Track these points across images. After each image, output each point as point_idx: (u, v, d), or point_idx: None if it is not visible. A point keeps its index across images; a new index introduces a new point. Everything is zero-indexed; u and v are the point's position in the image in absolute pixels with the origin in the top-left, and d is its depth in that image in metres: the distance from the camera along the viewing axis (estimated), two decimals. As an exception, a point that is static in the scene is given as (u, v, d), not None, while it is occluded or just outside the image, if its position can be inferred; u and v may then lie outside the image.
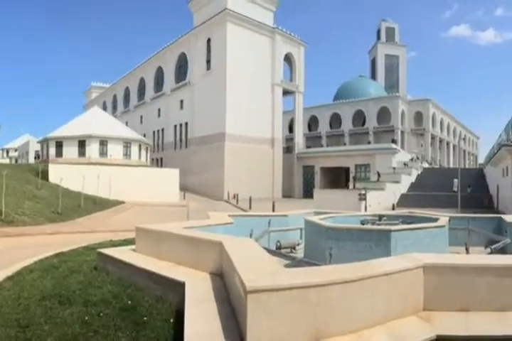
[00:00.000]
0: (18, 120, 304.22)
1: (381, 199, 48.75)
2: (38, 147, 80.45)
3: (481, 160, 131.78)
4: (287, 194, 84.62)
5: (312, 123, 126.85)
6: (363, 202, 44.44)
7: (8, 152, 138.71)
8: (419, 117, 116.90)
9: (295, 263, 12.24)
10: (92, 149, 65.77)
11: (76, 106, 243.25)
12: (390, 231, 12.49)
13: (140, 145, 72.95)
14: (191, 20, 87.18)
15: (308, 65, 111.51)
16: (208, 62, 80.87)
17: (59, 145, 66.45)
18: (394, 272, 6.69)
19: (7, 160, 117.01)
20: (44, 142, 70.91)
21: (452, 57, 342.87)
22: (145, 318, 7.75)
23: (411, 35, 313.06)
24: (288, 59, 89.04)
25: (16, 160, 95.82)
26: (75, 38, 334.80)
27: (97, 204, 43.66)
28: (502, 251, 13.90)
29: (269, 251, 10.77)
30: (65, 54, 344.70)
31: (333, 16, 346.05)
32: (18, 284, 10.59)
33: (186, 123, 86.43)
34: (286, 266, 11.28)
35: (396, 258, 7.97)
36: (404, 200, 52.79)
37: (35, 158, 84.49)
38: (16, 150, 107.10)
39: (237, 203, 59.53)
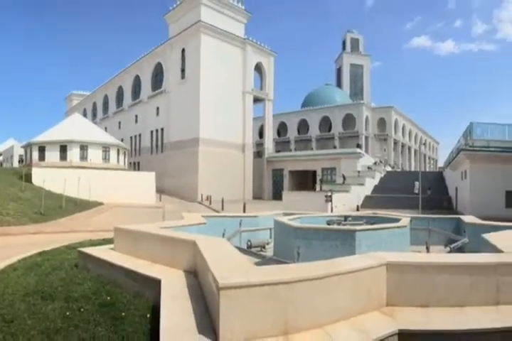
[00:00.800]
0: (2, 125, 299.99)
1: (346, 201, 48.74)
2: (22, 151, 79.38)
3: (440, 164, 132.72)
4: (257, 196, 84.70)
5: (281, 129, 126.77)
6: (329, 203, 44.27)
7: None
8: (382, 123, 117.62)
9: (265, 261, 12.35)
10: (73, 153, 65.29)
11: (57, 112, 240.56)
12: (354, 231, 12.63)
13: (118, 150, 72.45)
14: (167, 32, 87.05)
15: (278, 74, 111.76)
16: (183, 71, 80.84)
17: (42, 149, 65.84)
18: (358, 270, 6.77)
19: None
20: (28, 147, 70.17)
21: (414, 66, 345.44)
22: (123, 313, 7.82)
23: (375, 46, 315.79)
24: (258, 68, 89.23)
25: (1, 164, 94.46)
26: (56, 49, 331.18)
27: (78, 205, 43.22)
28: (460, 250, 14.09)
29: (240, 250, 10.79)
30: (47, 63, 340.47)
31: (301, 28, 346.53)
32: (2, 281, 10.61)
33: (162, 129, 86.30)
34: (257, 264, 11.16)
35: (360, 257, 8.02)
36: (368, 202, 53.01)
37: (19, 161, 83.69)
38: (0, 154, 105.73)
39: (210, 204, 59.18)
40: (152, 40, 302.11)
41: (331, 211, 41.71)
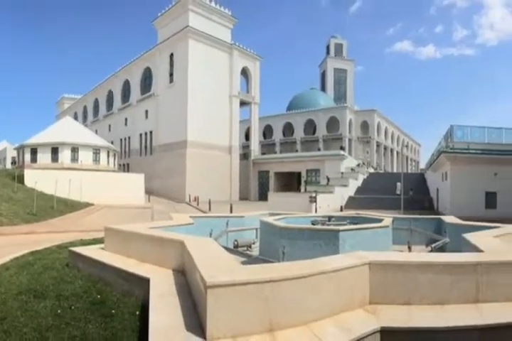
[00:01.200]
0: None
1: (330, 202, 48.89)
2: (14, 153, 79.37)
3: (422, 165, 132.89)
4: (244, 196, 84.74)
5: (267, 131, 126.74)
6: (314, 204, 44.15)
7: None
8: (365, 126, 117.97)
9: (251, 260, 12.37)
10: (64, 155, 65.34)
11: (49, 116, 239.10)
12: (338, 231, 12.59)
13: (108, 152, 72.33)
14: (156, 37, 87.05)
15: (264, 78, 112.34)
16: (171, 75, 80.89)
17: (34, 151, 65.94)
18: (342, 269, 6.77)
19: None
20: (20, 149, 70.09)
21: (396, 71, 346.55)
22: (113, 311, 7.91)
23: (358, 51, 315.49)
24: (244, 72, 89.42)
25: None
26: (48, 54, 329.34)
27: (69, 206, 43.16)
28: (441, 249, 14.16)
29: (227, 249, 10.82)
30: (39, 68, 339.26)
31: (286, 33, 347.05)
32: (-5, 280, 10.57)
33: (151, 132, 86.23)
34: (243, 263, 11.24)
35: (344, 256, 8.01)
36: (351, 202, 53.15)
37: (12, 163, 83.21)
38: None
39: (198, 205, 59.03)
40: (141, 45, 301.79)
41: (316, 211, 41.68)
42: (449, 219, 17.24)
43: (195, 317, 6.11)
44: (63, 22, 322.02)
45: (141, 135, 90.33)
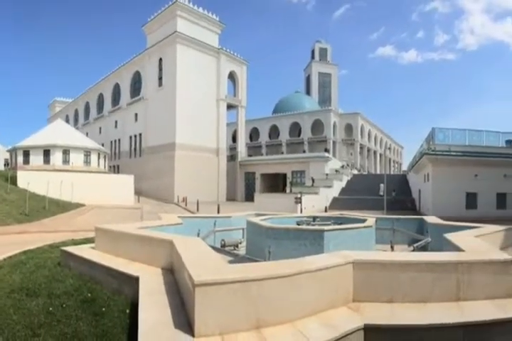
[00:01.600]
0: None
1: (315, 202, 48.98)
2: (7, 155, 79.16)
3: (404, 167, 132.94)
4: (231, 197, 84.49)
5: (253, 134, 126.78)
6: (299, 204, 44.15)
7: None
8: (349, 129, 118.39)
9: (238, 259, 12.35)
10: (56, 157, 65.18)
11: (41, 118, 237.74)
12: (323, 231, 12.65)
13: (99, 154, 72.18)
14: (145, 42, 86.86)
15: (250, 82, 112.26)
16: (160, 79, 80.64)
17: (26, 154, 65.78)
18: (326, 268, 6.82)
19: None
20: (13, 151, 69.98)
21: (379, 75, 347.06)
22: (103, 309, 7.96)
23: (342, 55, 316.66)
24: (232, 76, 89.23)
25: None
26: (40, 58, 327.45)
27: (61, 206, 42.90)
28: (423, 249, 14.22)
29: (214, 248, 10.91)
30: (31, 71, 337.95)
31: (273, 37, 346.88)
32: (-12, 279, 10.60)
33: (140, 134, 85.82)
34: (230, 262, 11.00)
35: (328, 255, 8.03)
36: (335, 203, 53.24)
37: (4, 165, 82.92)
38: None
39: (186, 206, 59.02)
40: (131, 49, 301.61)
41: (301, 212, 41.77)
42: (431, 219, 17.33)
43: (183, 315, 6.16)
44: (55, 25, 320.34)
45: (130, 137, 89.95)
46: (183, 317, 6.06)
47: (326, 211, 46.20)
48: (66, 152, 66.57)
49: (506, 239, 13.31)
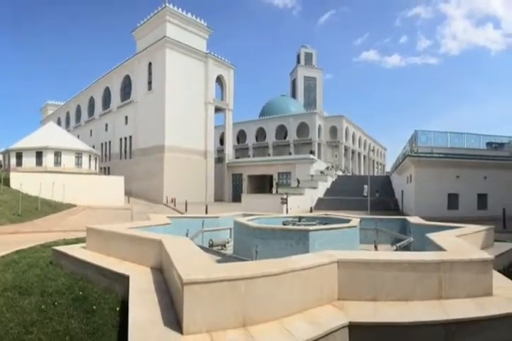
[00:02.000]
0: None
1: (300, 203, 48.92)
2: (0, 157, 79.18)
3: (388, 168, 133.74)
4: (219, 198, 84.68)
5: (240, 136, 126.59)
6: (285, 205, 43.83)
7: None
8: (334, 131, 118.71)
9: (226, 259, 12.34)
10: (48, 159, 65.21)
11: (34, 121, 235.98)
12: (308, 230, 12.66)
13: (90, 156, 72.12)
14: (135, 46, 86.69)
15: (237, 85, 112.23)
16: (150, 83, 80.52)
17: (19, 155, 65.77)
18: (311, 267, 6.86)
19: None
20: (6, 153, 70.01)
21: (363, 79, 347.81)
22: (94, 307, 8.01)
23: (327, 59, 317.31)
24: (219, 80, 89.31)
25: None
26: (33, 61, 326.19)
27: (53, 207, 42.77)
28: (406, 248, 14.22)
29: (202, 248, 10.84)
30: (25, 75, 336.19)
31: (259, 42, 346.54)
32: (-19, 278, 10.60)
33: (130, 137, 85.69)
34: (218, 261, 11.07)
35: (313, 255, 8.05)
36: (320, 204, 53.35)
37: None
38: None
39: (175, 206, 58.95)
40: (122, 54, 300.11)
41: (287, 212, 41.46)
42: (414, 219, 17.47)
43: (172, 313, 6.23)
44: (49, 30, 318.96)
45: (121, 140, 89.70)
46: (172, 315, 6.14)
47: (311, 211, 46.28)
48: (58, 154, 66.55)
49: (487, 239, 13.54)
